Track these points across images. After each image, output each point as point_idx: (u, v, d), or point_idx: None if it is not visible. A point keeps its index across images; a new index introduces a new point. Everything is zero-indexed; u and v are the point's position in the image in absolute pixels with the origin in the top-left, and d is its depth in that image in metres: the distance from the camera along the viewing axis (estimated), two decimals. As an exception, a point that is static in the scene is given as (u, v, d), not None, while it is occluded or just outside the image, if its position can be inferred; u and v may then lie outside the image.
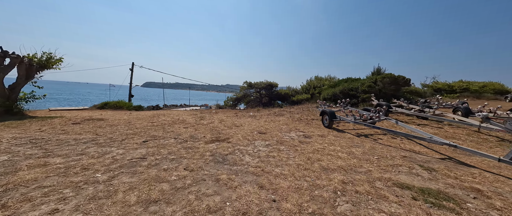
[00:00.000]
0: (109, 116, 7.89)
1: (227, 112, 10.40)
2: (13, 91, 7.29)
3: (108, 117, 7.42)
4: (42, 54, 8.17)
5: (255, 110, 11.20)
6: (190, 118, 7.56)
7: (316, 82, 16.66)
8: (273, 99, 18.33)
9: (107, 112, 10.14)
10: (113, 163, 2.91)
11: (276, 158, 3.25)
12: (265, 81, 17.49)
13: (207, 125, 6.13)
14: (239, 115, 8.84)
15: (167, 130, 5.31)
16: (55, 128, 5.36)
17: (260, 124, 6.40)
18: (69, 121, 6.45)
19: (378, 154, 3.51)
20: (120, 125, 5.92)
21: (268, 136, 4.81)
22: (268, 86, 17.48)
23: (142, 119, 7.16)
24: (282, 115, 8.29)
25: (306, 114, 8.17)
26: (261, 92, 18.00)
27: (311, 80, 18.49)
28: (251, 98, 18.52)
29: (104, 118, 7.09)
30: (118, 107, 12.93)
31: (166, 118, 7.55)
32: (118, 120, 6.77)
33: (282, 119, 7.40)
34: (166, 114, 8.61)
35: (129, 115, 8.48)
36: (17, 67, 7.17)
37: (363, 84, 9.38)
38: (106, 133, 4.82)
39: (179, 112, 9.78)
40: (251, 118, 7.75)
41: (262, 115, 8.62)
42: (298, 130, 5.45)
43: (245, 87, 18.14)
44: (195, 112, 9.79)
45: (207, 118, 7.66)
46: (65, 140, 4.17)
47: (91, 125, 5.74)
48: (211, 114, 9.20)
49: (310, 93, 15.76)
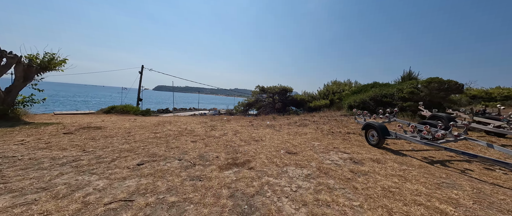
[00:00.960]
0: (110, 123, 7.04)
1: (240, 119, 9.31)
2: (9, 95, 6.66)
3: (108, 125, 6.56)
4: (44, 54, 7.57)
5: (270, 118, 10.03)
6: (199, 128, 6.52)
7: (335, 87, 15.24)
8: (287, 105, 17.07)
9: (111, 117, 9.40)
10: (78, 214, 1.85)
11: (332, 208, 2.04)
12: (279, 86, 16.34)
13: (220, 138, 5.04)
14: (254, 124, 7.70)
15: (171, 145, 4.26)
16: (41, 139, 4.49)
17: (283, 138, 5.21)
18: (64, 129, 5.62)
19: (504, 207, 2.16)
20: (117, 136, 4.98)
21: (302, 157, 3.60)
22: (282, 91, 16.30)
23: (145, 128, 6.22)
24: (305, 125, 7.05)
25: (335, 124, 6.87)
26: (275, 97, 16.82)
27: (329, 85, 17.08)
28: (263, 104, 17.38)
29: (103, 126, 6.23)
30: (125, 111, 12.29)
31: (172, 126, 6.57)
32: (118, 129, 5.86)
33: (308, 131, 6.16)
34: (173, 122, 7.65)
35: (133, 122, 7.61)
36: (14, 68, 6.55)
37: (401, 90, 7.94)
38: (96, 149, 3.85)
39: (187, 119, 8.82)
40: (270, 129, 6.58)
41: (281, 125, 7.43)
42: (338, 149, 4.19)
43: (257, 92, 17.07)
44: (205, 120, 8.78)
45: (218, 128, 6.59)
46: (41, 159, 3.22)
47: (84, 136, 4.83)
48: (223, 122, 8.14)
49: (329, 99, 14.37)
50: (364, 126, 4.57)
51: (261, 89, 16.65)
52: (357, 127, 6.15)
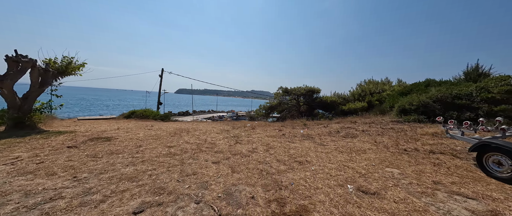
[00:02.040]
0: (124, 132, 6.31)
1: (266, 126, 8.03)
2: (26, 101, 6.32)
3: (121, 134, 5.79)
4: (62, 58, 7.23)
5: (300, 124, 8.56)
6: (221, 139, 5.40)
7: (373, 87, 13.11)
8: (314, 108, 15.35)
9: (128, 124, 8.86)
10: None
11: None
12: (305, 87, 14.74)
13: (249, 157, 3.81)
14: (286, 133, 6.35)
15: (187, 169, 3.14)
16: (39, 155, 3.75)
17: (336, 158, 3.78)
18: (71, 141, 4.94)
19: None
20: (125, 151, 4.05)
21: (394, 207, 2.16)
22: (309, 93, 14.66)
23: (159, 139, 5.30)
24: (353, 136, 5.48)
25: (396, 135, 5.17)
26: (300, 99, 15.24)
27: (363, 85, 14.95)
28: (286, 107, 15.91)
29: (114, 136, 5.46)
30: (144, 116, 11.90)
31: (189, 137, 5.55)
32: (129, 141, 5.01)
33: (364, 146, 4.61)
34: (191, 131, 6.67)
35: (148, 130, 6.83)
36: (30, 73, 6.18)
37: (485, 88, 5.85)
38: (91, 174, 2.90)
39: (206, 126, 7.82)
40: (310, 141, 5.17)
41: (320, 135, 5.95)
42: (443, 186, 2.63)
43: (280, 94, 15.66)
44: (226, 127, 7.68)
45: (244, 139, 5.39)
46: (11, 193, 2.31)
47: (87, 151, 4.00)
48: (247, 131, 6.94)
49: (366, 101, 12.34)
50: (476, 147, 2.92)
51: (284, 91, 15.22)
52: (437, 142, 4.40)
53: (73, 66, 7.49)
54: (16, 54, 5.97)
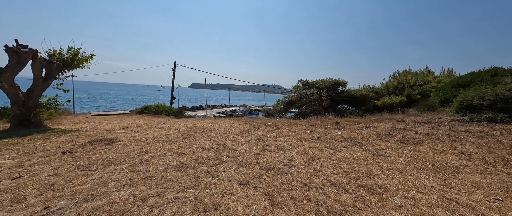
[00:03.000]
0: (131, 132, 5.55)
1: (292, 125, 6.88)
2: (31, 97, 5.80)
3: (127, 135, 5.02)
4: (68, 49, 6.61)
5: (330, 122, 7.28)
6: (243, 143, 4.37)
7: (412, 79, 11.22)
8: (338, 103, 13.80)
9: (140, 120, 8.23)
10: None
11: None
12: (328, 79, 13.19)
13: (288, 175, 2.73)
14: (321, 135, 5.16)
15: (204, 200, 2.14)
16: (23, 164, 3.01)
17: (421, 181, 2.57)
18: (70, 143, 4.23)
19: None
20: (125, 162, 3.19)
21: None
22: (333, 86, 13.10)
23: (170, 141, 4.42)
24: (418, 142, 4.13)
25: (495, 145, 3.73)
26: (322, 93, 13.75)
27: (397, 76, 13.03)
28: (306, 101, 14.50)
29: (119, 138, 4.69)
30: (157, 112, 11.34)
31: (205, 140, 4.60)
32: (135, 144, 4.18)
33: (448, 159, 3.29)
34: (206, 131, 5.74)
35: (159, 128, 6.04)
36: (31, 65, 5.60)
37: None
38: (70, 203, 2.03)
39: (224, 125, 6.85)
40: (362, 149, 3.94)
41: (366, 139, 4.68)
42: None
43: (300, 87, 14.27)
44: (246, 126, 6.66)
45: (272, 144, 4.31)
46: None
47: (79, 162, 3.19)
48: (271, 130, 5.86)
49: (405, 95, 10.58)
50: None
51: (305, 84, 13.79)
52: None
53: (80, 58, 6.86)
54: (16, 44, 5.37)
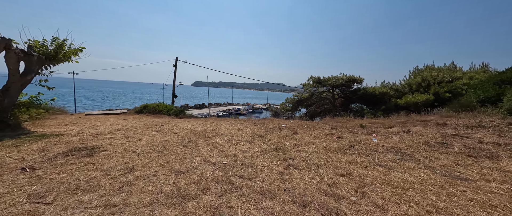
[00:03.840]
0: (122, 137, 4.66)
1: (309, 128, 5.90)
2: (6, 94, 4.96)
3: (115, 142, 4.13)
4: (52, 40, 5.74)
5: (354, 125, 6.28)
6: (258, 153, 3.43)
7: (440, 75, 10.07)
8: (352, 101, 12.73)
9: (137, 121, 7.37)
10: None
11: None
12: (342, 76, 12.12)
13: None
14: (353, 143, 4.18)
15: None
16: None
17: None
18: (41, 153, 3.35)
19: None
20: (99, 186, 2.28)
21: None
22: (347, 83, 12.02)
23: (166, 151, 3.51)
24: (493, 156, 3.12)
25: None
26: (335, 91, 12.69)
27: (416, 73, 11.86)
28: (316, 99, 13.46)
29: (103, 146, 3.80)
30: (157, 111, 10.48)
31: (210, 150, 3.68)
32: (119, 156, 3.28)
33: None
34: (211, 136, 4.81)
35: (156, 132, 5.15)
36: (5, 57, 4.74)
37: None
38: None
39: (231, 127, 5.91)
40: (415, 164, 2.96)
41: (415, 149, 3.68)
42: None
43: (310, 85, 13.22)
44: (257, 130, 5.71)
45: (296, 157, 3.36)
46: None
47: (35, 186, 2.30)
48: (288, 136, 4.90)
49: (432, 93, 9.47)
50: None
51: (316, 81, 12.74)
52: None
53: (67, 51, 5.99)
54: (-13, 33, 4.51)
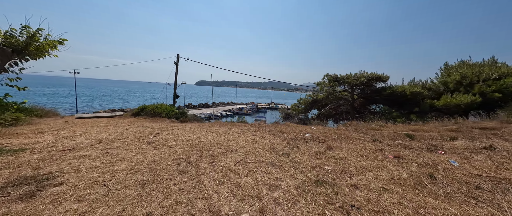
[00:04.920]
0: (99, 155, 3.51)
1: (342, 139, 4.62)
2: (-44, 98, 3.86)
3: (84, 167, 2.97)
4: (21, 29, 4.61)
5: (388, 130, 4.97)
6: (297, 193, 2.22)
7: (485, 72, 8.59)
8: (374, 102, 11.33)
9: (130, 127, 6.23)
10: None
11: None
12: (363, 73, 10.74)
13: None
14: (427, 169, 2.91)
15: None
16: None
17: None
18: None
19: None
20: None
21: None
22: (369, 82, 10.64)
23: (152, 183, 2.32)
24: None
25: None
26: (355, 91, 11.32)
27: (449, 69, 10.40)
28: (331, 99, 12.12)
29: (64, 174, 2.64)
30: (156, 114, 9.37)
31: (218, 183, 2.47)
32: (80, 194, 2.11)
33: None
34: (217, 155, 3.59)
35: (147, 146, 3.99)
36: (-50, 49, 3.62)
37: None
38: None
39: (243, 141, 4.67)
40: None
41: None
42: None
43: (326, 83, 11.89)
44: (277, 144, 4.47)
45: (357, 200, 2.12)
46: None
47: None
48: (321, 153, 3.67)
49: (477, 93, 8.04)
50: None
51: (332, 80, 11.40)
52: None
53: (43, 43, 4.85)
54: None
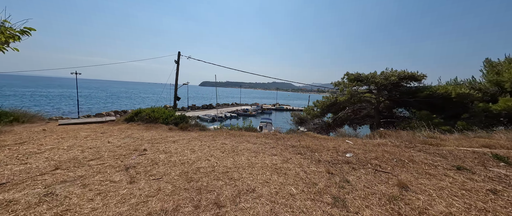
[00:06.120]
0: (32, 201, 2.19)
1: (412, 165, 3.18)
2: None
3: None
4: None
5: (466, 150, 3.49)
6: None
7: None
8: (405, 106, 9.76)
9: (115, 139, 4.95)
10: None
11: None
12: (393, 72, 9.21)
13: None
14: None
15: None
16: None
17: None
18: None
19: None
20: None
21: None
22: (402, 81, 9.09)
23: None
24: None
25: None
26: (382, 93, 9.78)
27: (493, 66, 8.75)
28: (354, 102, 10.62)
29: None
30: (152, 119, 8.12)
31: None
32: None
33: None
34: (227, 206, 2.22)
35: (114, 185, 2.68)
36: None
37: None
38: None
39: (264, 165, 3.29)
40: None
41: None
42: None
43: (346, 84, 10.39)
44: (314, 168, 3.08)
45: None
46: None
47: None
48: (392, 195, 2.27)
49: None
50: None
51: (354, 80, 9.89)
52: None
53: None
54: None
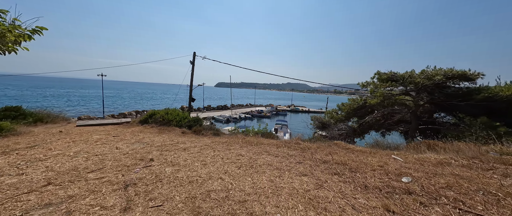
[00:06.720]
0: None
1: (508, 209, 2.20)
2: None
3: None
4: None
5: None
6: None
7: None
8: (450, 109, 8.26)
9: (124, 144, 4.58)
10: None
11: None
12: (438, 70, 7.85)
13: None
14: None
15: None
16: None
17: None
18: None
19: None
20: None
21: None
22: (449, 80, 7.68)
23: None
24: None
25: None
26: (421, 96, 8.38)
27: None
28: (385, 104, 9.31)
29: None
30: (165, 122, 7.82)
31: None
32: None
33: None
34: None
35: (115, 202, 2.15)
36: None
37: None
38: None
39: (293, 193, 2.54)
40: None
41: None
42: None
43: (377, 84, 9.17)
44: (355, 195, 2.25)
45: None
46: None
47: None
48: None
49: None
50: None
51: (387, 80, 8.63)
52: None
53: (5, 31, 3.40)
54: None
